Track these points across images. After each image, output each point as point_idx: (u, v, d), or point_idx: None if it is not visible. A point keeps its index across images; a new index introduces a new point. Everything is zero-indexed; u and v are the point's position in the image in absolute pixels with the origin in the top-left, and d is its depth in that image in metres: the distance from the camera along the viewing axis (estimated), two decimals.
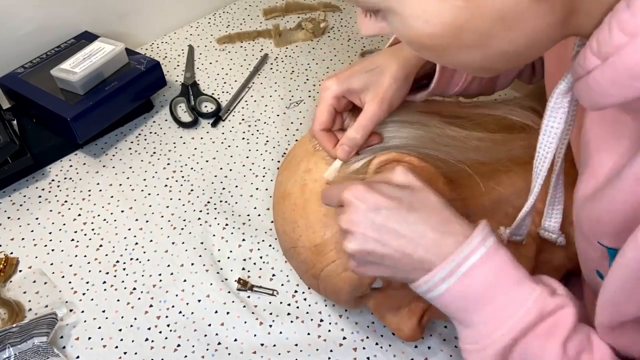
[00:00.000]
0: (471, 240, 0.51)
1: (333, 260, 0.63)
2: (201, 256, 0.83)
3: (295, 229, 0.65)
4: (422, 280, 0.52)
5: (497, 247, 0.51)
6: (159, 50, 1.14)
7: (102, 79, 0.94)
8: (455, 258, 0.50)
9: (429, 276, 0.51)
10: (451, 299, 0.51)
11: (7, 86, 0.96)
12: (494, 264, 0.50)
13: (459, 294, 0.51)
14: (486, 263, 0.50)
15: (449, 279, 0.50)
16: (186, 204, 0.89)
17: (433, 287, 0.51)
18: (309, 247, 0.64)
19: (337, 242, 0.62)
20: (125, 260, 0.83)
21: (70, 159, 0.96)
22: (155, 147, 0.97)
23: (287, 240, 0.68)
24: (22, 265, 0.82)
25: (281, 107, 1.03)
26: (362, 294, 0.65)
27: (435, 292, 0.52)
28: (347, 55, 1.13)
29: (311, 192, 0.65)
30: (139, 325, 0.76)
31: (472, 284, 0.50)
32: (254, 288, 0.79)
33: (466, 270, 0.50)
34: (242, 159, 0.96)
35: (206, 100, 1.05)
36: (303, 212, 0.65)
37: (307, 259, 0.65)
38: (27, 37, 0.99)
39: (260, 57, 1.12)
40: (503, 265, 0.51)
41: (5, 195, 0.90)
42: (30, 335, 0.71)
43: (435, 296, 0.52)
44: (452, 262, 0.50)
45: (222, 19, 1.21)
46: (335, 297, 0.67)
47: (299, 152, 0.70)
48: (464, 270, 0.50)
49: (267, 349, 0.74)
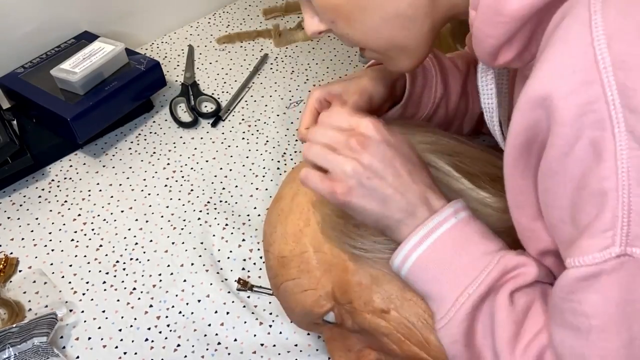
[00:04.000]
0: (444, 210, 0.53)
1: (293, 278, 0.62)
2: (201, 256, 0.83)
3: (273, 234, 0.65)
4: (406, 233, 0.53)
5: (469, 220, 0.54)
6: (159, 50, 1.14)
7: (102, 79, 0.94)
8: (428, 224, 0.53)
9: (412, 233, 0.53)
10: (423, 266, 0.53)
11: (7, 86, 0.96)
12: (463, 233, 0.53)
13: (430, 259, 0.53)
14: (455, 231, 0.53)
15: (421, 244, 0.53)
16: (186, 204, 0.89)
17: (411, 250, 0.53)
18: (277, 256, 0.64)
19: (302, 263, 0.62)
20: (125, 260, 0.83)
21: (70, 159, 0.96)
22: (155, 147, 0.97)
23: (264, 241, 0.68)
24: (22, 265, 0.82)
25: (281, 107, 1.03)
26: (314, 321, 0.64)
27: (411, 257, 0.53)
28: (347, 55, 1.13)
29: (297, 204, 0.64)
30: (139, 325, 0.76)
31: (442, 249, 0.52)
32: (254, 288, 0.79)
33: (438, 236, 0.52)
34: (242, 159, 0.96)
35: (206, 100, 1.05)
36: (284, 219, 0.64)
37: (273, 267, 0.65)
38: (27, 37, 0.99)
39: (260, 57, 1.12)
40: (473, 235, 0.53)
41: (5, 195, 0.90)
42: (30, 335, 0.71)
43: (413, 261, 0.53)
44: (426, 228, 0.53)
45: (222, 19, 1.21)
46: (289, 313, 0.67)
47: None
48: (436, 236, 0.52)
49: (267, 349, 0.74)
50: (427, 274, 0.53)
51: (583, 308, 0.42)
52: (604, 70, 0.39)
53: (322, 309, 0.61)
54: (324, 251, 0.61)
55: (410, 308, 0.57)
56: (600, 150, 0.40)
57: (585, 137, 0.40)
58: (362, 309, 0.59)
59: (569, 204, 0.43)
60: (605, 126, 0.39)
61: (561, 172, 0.42)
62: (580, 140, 0.40)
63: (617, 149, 0.39)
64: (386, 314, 0.58)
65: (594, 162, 0.40)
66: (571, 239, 0.43)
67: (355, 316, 0.59)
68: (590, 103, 0.40)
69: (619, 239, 0.39)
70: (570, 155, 0.41)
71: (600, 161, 0.40)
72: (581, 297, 0.42)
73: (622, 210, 0.39)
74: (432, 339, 0.57)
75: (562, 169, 0.42)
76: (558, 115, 0.41)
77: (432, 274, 0.53)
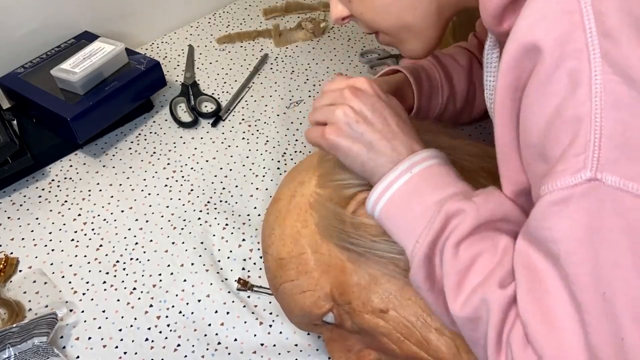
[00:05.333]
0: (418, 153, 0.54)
1: (291, 280, 0.63)
2: (201, 256, 0.83)
3: (271, 236, 0.65)
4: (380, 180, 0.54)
5: (437, 166, 0.54)
6: (159, 50, 1.14)
7: (102, 79, 0.94)
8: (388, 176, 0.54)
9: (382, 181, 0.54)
10: (388, 215, 0.54)
11: (7, 86, 0.96)
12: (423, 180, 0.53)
13: (392, 211, 0.53)
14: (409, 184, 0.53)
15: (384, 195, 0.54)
16: (186, 204, 0.89)
17: (377, 200, 0.54)
18: (275, 257, 0.64)
19: (300, 264, 0.62)
20: (125, 260, 0.83)
21: (70, 159, 0.96)
22: (155, 147, 0.97)
23: (263, 243, 0.68)
24: (22, 265, 0.82)
25: (281, 107, 1.03)
26: (313, 322, 0.64)
27: (379, 204, 0.54)
28: (347, 55, 1.13)
29: (295, 205, 0.64)
30: (139, 325, 0.76)
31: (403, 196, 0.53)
32: (254, 288, 0.79)
33: (394, 191, 0.53)
34: (242, 159, 0.96)
35: (206, 100, 1.05)
36: (282, 221, 0.65)
37: (272, 268, 0.65)
38: (27, 37, 0.99)
39: (260, 57, 1.12)
40: (433, 180, 0.53)
41: (5, 195, 0.90)
42: (30, 335, 0.71)
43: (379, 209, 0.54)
44: (385, 181, 0.54)
45: (222, 19, 1.21)
46: (288, 315, 0.67)
47: (306, 162, 0.70)
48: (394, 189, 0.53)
49: (267, 349, 0.74)
50: (392, 220, 0.54)
51: (552, 234, 0.42)
52: (583, 0, 0.41)
53: (321, 309, 0.61)
54: (322, 252, 0.61)
55: (409, 307, 0.57)
56: (576, 79, 0.40)
57: (563, 67, 0.41)
58: (360, 309, 0.59)
59: (540, 139, 0.43)
60: (582, 55, 0.40)
61: (537, 103, 0.43)
62: (559, 70, 0.41)
63: (592, 75, 0.40)
64: (385, 314, 0.58)
65: (570, 91, 0.41)
66: (543, 174, 0.43)
67: (354, 316, 0.59)
68: (569, 32, 0.41)
69: (589, 163, 0.40)
70: (547, 86, 0.42)
71: (577, 88, 0.40)
72: (551, 222, 0.42)
73: (594, 134, 0.40)
74: (431, 338, 0.57)
75: (538, 101, 0.43)
76: (540, 46, 0.42)
77: (395, 220, 0.53)
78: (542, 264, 0.44)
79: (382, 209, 0.54)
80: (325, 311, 0.61)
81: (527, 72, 0.44)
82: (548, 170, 0.42)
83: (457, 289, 0.48)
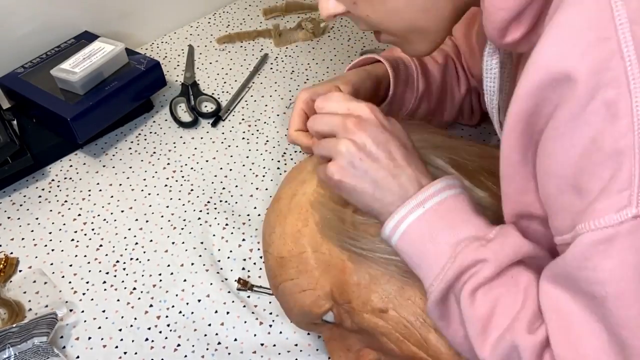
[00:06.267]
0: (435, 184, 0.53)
1: (292, 279, 0.62)
2: (201, 256, 0.83)
3: (271, 234, 0.65)
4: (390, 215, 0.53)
5: (438, 207, 0.52)
6: (159, 50, 1.14)
7: (102, 79, 0.94)
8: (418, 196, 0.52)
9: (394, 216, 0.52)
10: (405, 247, 0.52)
11: (7, 86, 0.96)
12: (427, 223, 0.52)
13: (406, 248, 0.52)
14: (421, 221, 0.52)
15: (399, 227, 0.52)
16: (186, 204, 0.89)
17: (395, 227, 0.52)
18: (276, 256, 0.64)
19: (301, 263, 0.62)
20: (125, 260, 0.83)
21: (70, 159, 0.96)
22: (155, 147, 0.97)
23: (263, 242, 0.68)
24: (22, 265, 0.82)
25: (281, 107, 1.03)
26: (313, 321, 0.64)
27: (396, 234, 0.52)
28: (347, 55, 1.13)
29: (296, 204, 0.64)
30: (139, 325, 0.76)
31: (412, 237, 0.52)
32: (254, 288, 0.79)
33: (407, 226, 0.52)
34: (242, 159, 0.96)
35: (206, 100, 1.05)
36: (283, 220, 0.65)
37: (272, 267, 0.65)
38: (27, 37, 0.99)
39: (260, 57, 1.12)
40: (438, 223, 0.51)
41: (5, 195, 0.90)
42: (30, 335, 0.71)
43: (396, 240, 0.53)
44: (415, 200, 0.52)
45: (222, 19, 1.21)
46: (288, 314, 0.67)
47: (307, 161, 0.70)
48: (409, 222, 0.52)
49: (267, 349, 0.74)
50: (406, 255, 0.53)
51: (597, 275, 0.40)
52: (620, 26, 0.38)
53: (321, 309, 0.61)
54: (323, 251, 0.61)
55: (409, 307, 0.57)
56: (615, 110, 0.38)
57: (599, 97, 0.39)
58: (360, 308, 0.59)
59: (572, 171, 0.41)
60: (620, 84, 0.38)
61: (568, 134, 0.41)
62: (594, 100, 0.39)
63: (634, 105, 0.38)
64: (384, 314, 0.58)
65: (608, 122, 0.39)
66: (578, 209, 0.41)
67: (354, 316, 0.59)
68: (606, 60, 0.39)
69: (635, 199, 0.38)
70: (581, 117, 0.40)
71: (616, 120, 0.38)
72: (595, 262, 0.40)
73: (639, 168, 0.38)
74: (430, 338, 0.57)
75: (570, 132, 0.41)
76: (572, 76, 0.39)
77: (409, 256, 0.53)
78: (573, 306, 0.43)
79: (397, 244, 0.53)
80: (325, 310, 0.61)
81: (551, 101, 0.42)
82: (585, 206, 0.40)
83: (483, 335, 0.48)
